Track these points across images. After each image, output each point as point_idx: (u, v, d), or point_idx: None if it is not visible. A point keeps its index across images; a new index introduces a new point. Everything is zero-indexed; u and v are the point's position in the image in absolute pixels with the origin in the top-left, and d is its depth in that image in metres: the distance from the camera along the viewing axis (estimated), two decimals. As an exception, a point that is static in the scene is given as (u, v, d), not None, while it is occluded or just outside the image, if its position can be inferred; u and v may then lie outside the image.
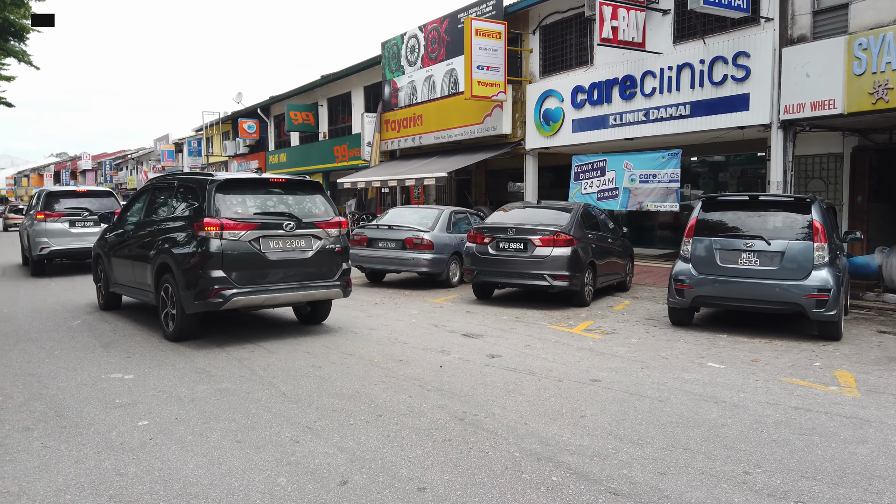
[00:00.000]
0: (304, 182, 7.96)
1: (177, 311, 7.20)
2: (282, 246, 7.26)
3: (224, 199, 7.12)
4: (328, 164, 26.40)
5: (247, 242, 7.03)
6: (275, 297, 7.31)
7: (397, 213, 12.27)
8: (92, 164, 66.00)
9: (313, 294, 7.60)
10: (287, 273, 7.30)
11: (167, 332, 7.44)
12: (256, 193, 7.45)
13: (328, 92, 26.93)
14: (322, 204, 7.87)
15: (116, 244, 8.97)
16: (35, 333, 7.85)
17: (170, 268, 7.23)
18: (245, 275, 7.03)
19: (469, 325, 8.15)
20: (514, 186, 19.93)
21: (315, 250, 7.48)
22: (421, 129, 19.90)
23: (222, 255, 6.89)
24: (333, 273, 7.67)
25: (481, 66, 15.94)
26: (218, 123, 36.89)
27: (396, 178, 18.44)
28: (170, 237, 7.43)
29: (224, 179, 7.31)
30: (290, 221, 7.30)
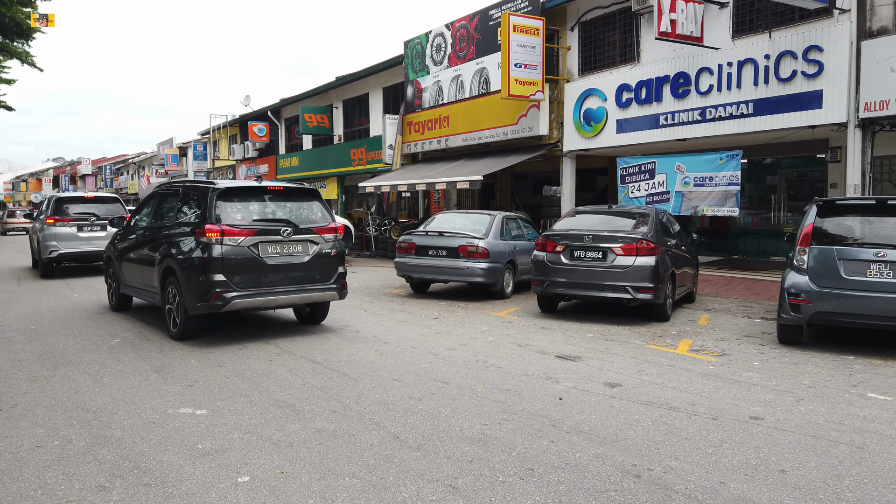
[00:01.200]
0: (302, 189, 8.23)
1: (180, 313, 7.49)
2: (279, 251, 7.56)
3: (225, 207, 7.45)
4: (344, 167, 25.58)
5: (246, 248, 7.33)
6: (273, 299, 7.56)
7: (446, 219, 11.45)
8: (92, 168, 64.96)
9: (310, 297, 7.88)
10: (284, 276, 7.57)
11: (171, 332, 7.74)
12: (256, 201, 7.74)
13: (344, 94, 26.11)
14: (319, 210, 8.12)
15: (126, 248, 9.30)
16: (73, 354, 6.99)
17: (174, 271, 7.51)
18: (244, 278, 7.33)
19: (556, 345, 7.32)
20: (550, 190, 19.14)
21: (311, 255, 7.77)
22: (447, 130, 19.10)
23: (223, 259, 7.20)
24: (330, 276, 7.94)
25: (519, 63, 15.16)
26: (225, 127, 36.02)
27: (425, 181, 17.61)
28: (174, 242, 7.72)
29: (225, 188, 7.60)
30: (287, 227, 7.60)
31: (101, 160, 66.17)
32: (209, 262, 7.16)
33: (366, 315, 9.33)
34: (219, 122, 35.82)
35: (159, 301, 8.11)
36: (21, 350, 7.24)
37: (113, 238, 10.15)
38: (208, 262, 7.16)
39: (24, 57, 30.36)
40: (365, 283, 13.26)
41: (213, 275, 7.16)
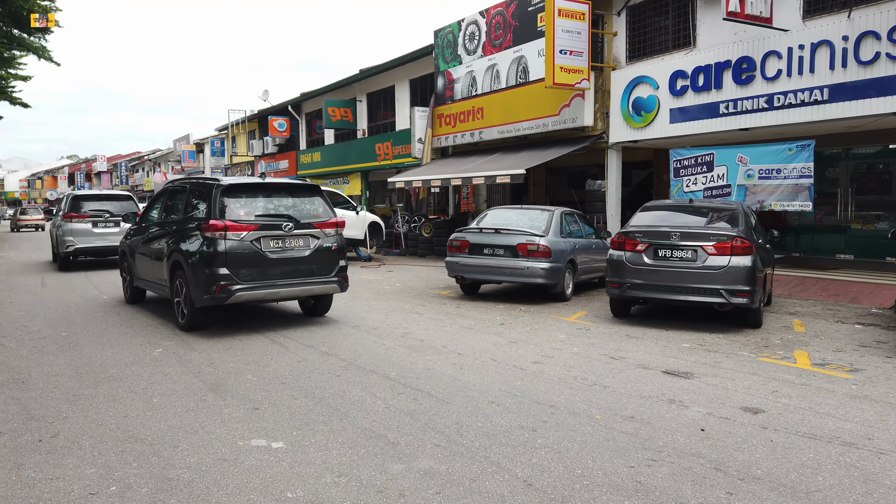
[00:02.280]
0: (304, 185, 8.44)
1: (187, 305, 7.72)
2: (281, 245, 7.75)
3: (229, 203, 7.63)
4: (368, 162, 24.78)
5: (249, 242, 7.53)
6: (275, 292, 7.75)
7: (500, 215, 10.60)
8: (107, 165, 64.52)
9: (311, 290, 8.06)
10: (286, 270, 7.76)
11: (180, 323, 7.97)
12: (259, 197, 7.92)
13: (368, 87, 25.29)
14: (320, 206, 8.30)
15: (138, 243, 9.57)
16: (114, 367, 6.21)
17: (181, 265, 7.73)
18: (247, 272, 7.52)
19: (654, 357, 6.47)
20: (595, 185, 18.25)
21: (312, 249, 7.96)
22: (481, 123, 18.24)
23: (226, 254, 7.40)
24: (331, 270, 8.15)
25: (564, 50, 14.29)
26: (244, 122, 35.30)
27: (460, 175, 16.76)
28: (181, 237, 7.95)
29: (229, 184, 7.76)
30: (288, 223, 7.78)
31: (116, 157, 65.73)
32: (214, 256, 7.39)
33: (423, 321, 8.51)
34: (237, 118, 35.09)
35: (169, 294, 8.30)
36: (55, 362, 6.48)
37: (127, 233, 10.42)
38: (213, 256, 7.39)
39: (42, 52, 29.75)
40: (407, 283, 12.45)
41: (217, 268, 7.39)
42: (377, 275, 13.89)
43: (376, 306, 9.63)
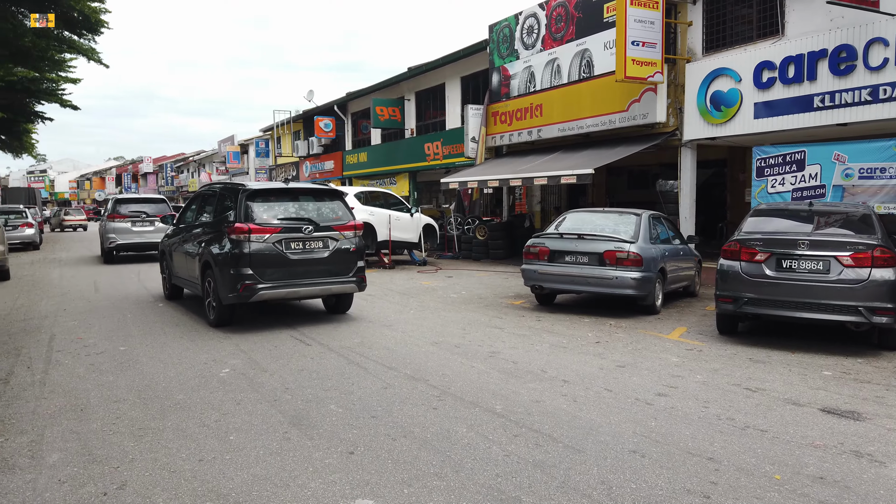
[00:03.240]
0: (325, 190, 8.81)
1: (216, 302, 8.11)
2: (301, 247, 8.10)
3: (253, 207, 8.02)
4: (417, 162, 24.04)
5: (271, 244, 7.89)
6: (296, 291, 8.10)
7: (581, 219, 9.69)
8: (153, 167, 65.29)
9: (330, 289, 8.39)
10: (306, 270, 8.09)
11: (210, 320, 8.34)
12: (282, 201, 8.27)
13: (416, 85, 24.56)
14: (340, 209, 8.63)
15: (174, 243, 10.12)
16: (179, 392, 5.51)
17: (210, 265, 8.16)
18: (270, 272, 7.87)
19: (796, 388, 5.51)
20: (667, 185, 17.17)
21: (331, 250, 8.28)
22: (540, 120, 17.30)
23: (251, 255, 7.77)
24: (349, 270, 8.45)
25: (636, 41, 13.29)
26: (289, 123, 34.96)
27: (520, 176, 15.87)
28: (211, 238, 8.42)
29: (254, 189, 8.20)
30: (308, 225, 8.13)
31: (161, 158, 66.47)
32: (239, 257, 7.77)
33: (507, 337, 7.67)
34: (282, 118, 34.76)
35: (200, 291, 8.74)
36: (115, 384, 5.82)
37: (166, 234, 11.02)
38: (238, 257, 7.77)
39: (91, 54, 29.77)
40: (473, 291, 11.61)
41: (242, 268, 7.76)
42: (437, 281, 13.10)
43: (450, 319, 8.82)
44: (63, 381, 5.96)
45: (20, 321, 8.99)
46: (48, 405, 5.24)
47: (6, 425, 4.78)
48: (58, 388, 5.70)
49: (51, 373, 6.24)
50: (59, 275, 14.79)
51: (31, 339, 7.83)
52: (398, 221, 15.92)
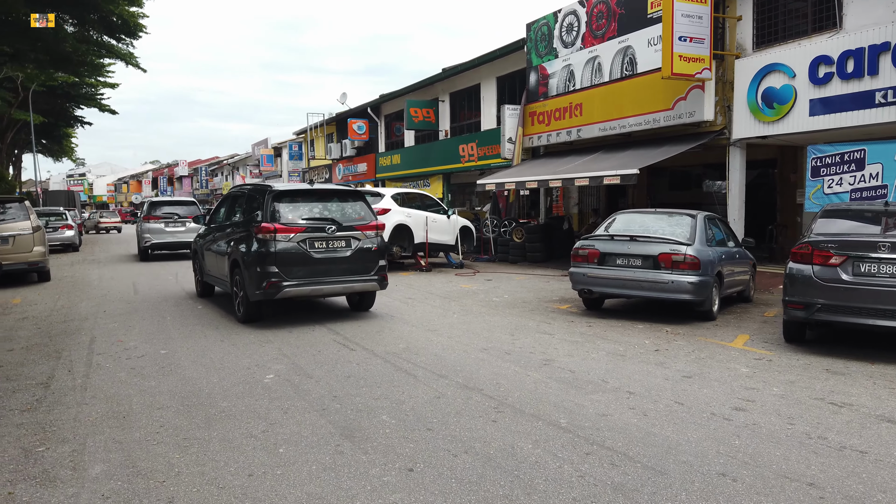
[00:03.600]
0: (347, 191, 9.10)
1: (244, 299, 8.33)
2: (325, 246, 8.31)
3: (279, 207, 8.26)
4: (451, 164, 23.75)
5: (296, 243, 8.11)
6: (319, 289, 8.32)
7: (632, 220, 9.26)
8: (188, 170, 66.17)
9: (352, 287, 8.61)
10: (329, 269, 8.30)
11: (238, 316, 8.57)
12: (306, 202, 8.50)
13: (451, 86, 24.28)
14: (362, 210, 8.82)
15: (206, 243, 10.42)
16: (223, 399, 5.26)
17: (239, 263, 8.38)
18: (294, 270, 8.08)
19: (887, 403, 5.03)
20: (714, 186, 16.60)
21: (353, 249, 8.48)
22: (580, 120, 16.86)
23: (276, 254, 8.00)
24: (370, 269, 8.63)
25: (683, 36, 12.81)
26: (322, 125, 34.99)
27: (561, 177, 15.45)
28: (239, 237, 8.65)
29: (279, 190, 8.44)
30: (331, 225, 8.35)
31: (196, 162, 67.34)
32: (265, 255, 8.01)
33: (559, 343, 7.29)
34: (315, 121, 34.81)
35: (229, 288, 9.04)
36: (157, 389, 5.60)
37: (198, 234, 11.30)
38: (265, 255, 8.01)
39: (129, 58, 30.12)
40: (515, 295, 11.24)
41: (268, 266, 7.99)
42: (477, 284, 12.76)
43: (495, 324, 8.48)
44: (104, 385, 5.76)
45: (60, 322, 8.90)
46: (90, 411, 5.03)
47: (47, 433, 4.57)
48: (99, 394, 5.50)
49: (92, 377, 6.06)
50: (98, 276, 14.81)
51: (71, 341, 7.70)
52: (435, 223, 15.62)
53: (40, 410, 5.07)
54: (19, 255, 12.84)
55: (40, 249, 13.18)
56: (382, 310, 9.61)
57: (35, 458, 4.12)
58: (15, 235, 12.84)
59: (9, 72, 33.57)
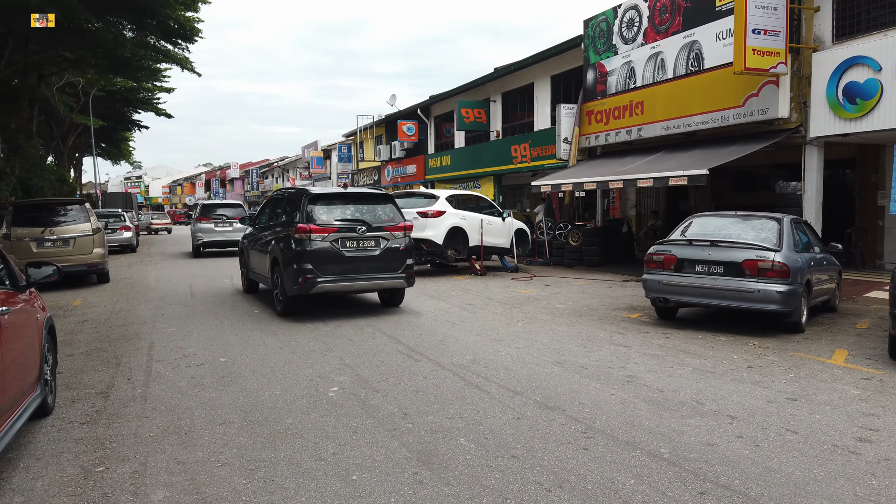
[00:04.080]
0: (378, 194, 9.57)
1: (282, 294, 8.95)
2: (356, 245, 8.81)
3: (314, 209, 8.79)
4: (503, 165, 23.27)
5: (329, 242, 8.62)
6: (350, 285, 8.88)
7: (710, 224, 8.63)
8: (239, 172, 67.30)
9: (381, 284, 9.13)
10: (359, 266, 8.80)
11: (277, 310, 9.24)
12: (339, 204, 9.05)
13: (503, 86, 23.80)
14: (391, 212, 9.29)
15: (251, 242, 11.11)
16: (287, 414, 4.93)
17: (278, 261, 9.01)
18: (327, 267, 8.60)
19: None
20: (788, 187, 15.70)
21: (382, 249, 8.95)
22: (640, 118, 16.16)
23: (311, 252, 8.52)
24: (398, 267, 9.09)
25: (757, 29, 12.06)
26: (371, 127, 34.93)
27: (622, 178, 14.80)
28: (278, 237, 9.26)
29: (315, 193, 8.99)
30: (362, 226, 8.85)
31: (247, 164, 68.46)
32: (301, 254, 8.58)
33: (639, 357, 6.76)
34: (365, 123, 34.76)
35: (270, 285, 9.68)
36: (219, 402, 5.31)
37: (244, 234, 12.00)
38: (301, 253, 8.58)
39: (185, 63, 30.57)
40: (579, 301, 10.70)
41: (304, 264, 8.56)
42: (536, 289, 12.26)
43: (564, 334, 7.98)
44: (165, 396, 5.51)
45: (119, 327, 8.78)
46: (151, 426, 4.77)
47: (107, 450, 4.31)
48: (160, 406, 5.25)
49: (152, 386, 5.82)
50: (155, 277, 14.86)
51: (130, 346, 7.54)
52: (490, 226, 15.17)
53: (100, 423, 4.83)
54: (80, 257, 12.92)
55: (100, 251, 13.25)
56: (443, 316, 9.22)
57: (95, 479, 3.85)
58: (76, 237, 12.94)
59: (71, 77, 34.57)
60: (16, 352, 4.15)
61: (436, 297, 11.12)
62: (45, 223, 12.78)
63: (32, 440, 4.52)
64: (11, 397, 3.93)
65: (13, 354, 4.05)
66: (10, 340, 4.02)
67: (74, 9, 19.34)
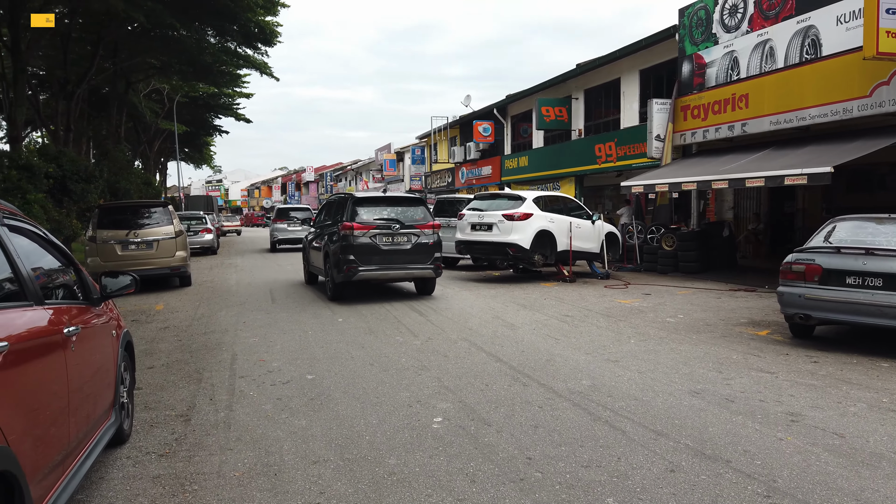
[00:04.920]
0: (411, 198, 11.48)
1: (331, 282, 10.81)
2: (391, 241, 10.55)
3: (358, 210, 10.62)
4: (585, 166, 22.10)
5: (368, 238, 10.40)
6: (386, 273, 10.58)
7: (861, 229, 7.35)
8: (314, 176, 68.27)
9: (412, 273, 10.81)
10: (393, 258, 10.50)
11: (328, 296, 11.04)
12: (378, 206, 10.92)
13: (586, 82, 22.63)
14: (422, 213, 11.02)
15: (310, 240, 12.77)
16: (389, 452, 4.17)
17: (328, 254, 10.86)
18: (366, 259, 10.35)
19: None
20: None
21: (413, 244, 10.64)
22: (745, 113, 14.74)
23: (354, 246, 10.32)
24: (427, 260, 10.72)
25: (891, 9, 10.59)
26: (445, 129, 34.32)
27: (727, 177, 13.47)
28: (329, 234, 11.10)
29: (358, 197, 11.02)
30: (396, 224, 10.61)
31: (321, 168, 69.39)
32: (346, 247, 10.23)
33: (790, 388, 5.67)
34: (439, 124, 34.19)
35: (324, 275, 11.33)
36: (310, 432, 4.62)
37: (307, 233, 13.62)
38: (346, 247, 10.24)
39: (264, 67, 30.84)
40: (691, 315, 9.56)
41: (348, 255, 10.22)
42: (636, 300, 11.17)
43: (689, 355, 6.93)
44: (250, 422, 4.86)
45: (201, 335, 8.33)
46: (236, 461, 4.10)
47: (187, 493, 3.66)
48: (245, 435, 4.59)
49: (235, 409, 5.20)
50: (235, 281, 14.59)
51: (212, 358, 7.01)
52: (579, 229, 14.14)
53: (180, 457, 4.21)
54: (162, 260, 12.73)
55: (182, 254, 13.03)
56: (541, 329, 8.33)
57: (173, 537, 3.17)
58: (159, 240, 12.76)
59: (156, 84, 35.57)
60: (87, 376, 3.55)
61: (528, 307, 10.23)
62: (130, 225, 12.65)
63: (105, 476, 3.93)
64: (80, 432, 3.31)
65: (83, 379, 3.44)
66: (82, 365, 3.42)
67: (160, 14, 19.51)
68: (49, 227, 15.92)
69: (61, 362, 3.10)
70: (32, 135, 32.75)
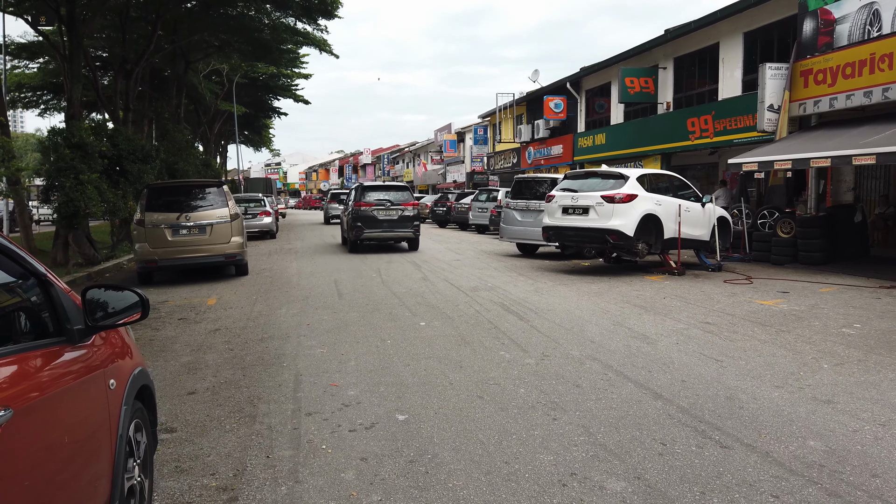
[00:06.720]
0: (400, 185, 17.34)
1: (349, 240, 16.52)
2: (384, 214, 15.82)
3: (364, 193, 16.26)
4: (675, 142, 19.72)
5: (369, 211, 15.72)
6: (381, 234, 15.93)
7: None
8: (371, 158, 67.09)
9: (398, 234, 16.16)
10: (386, 224, 15.86)
11: (345, 248, 17.19)
12: (378, 190, 16.50)
13: (675, 49, 20.16)
14: (406, 195, 16.52)
15: (341, 213, 19.77)
16: None
17: (345, 222, 17.45)
18: (368, 224, 15.69)
19: None
20: None
21: (399, 215, 15.92)
22: (885, 76, 12.20)
23: (360, 216, 15.71)
24: (408, 226, 16.07)
25: None
26: (511, 107, 32.16)
27: (873, 151, 11.04)
28: (347, 209, 17.16)
29: (364, 185, 16.92)
30: (388, 202, 15.92)
31: (378, 150, 68.10)
32: (356, 217, 15.82)
33: None
34: (505, 102, 32.04)
35: (345, 236, 17.51)
36: None
37: (343, 210, 19.07)
38: (355, 217, 15.84)
39: (323, 44, 29.33)
40: (870, 324, 7.39)
41: (357, 223, 15.76)
42: (777, 300, 9.02)
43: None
44: (325, 486, 3.12)
45: (257, 342, 6.71)
46: None
47: None
48: (319, 539, 2.84)
49: (301, 474, 3.50)
50: (296, 269, 13.07)
51: (270, 379, 5.35)
52: (688, 213, 11.98)
53: None
54: (217, 247, 11.27)
55: (238, 240, 11.54)
56: (685, 344, 6.36)
57: None
58: (213, 224, 11.30)
59: (216, 64, 34.61)
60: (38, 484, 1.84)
61: (649, 310, 8.25)
62: (181, 208, 11.21)
63: None
64: None
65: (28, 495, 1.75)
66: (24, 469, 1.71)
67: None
68: (104, 208, 14.79)
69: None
70: (93, 116, 32.23)
